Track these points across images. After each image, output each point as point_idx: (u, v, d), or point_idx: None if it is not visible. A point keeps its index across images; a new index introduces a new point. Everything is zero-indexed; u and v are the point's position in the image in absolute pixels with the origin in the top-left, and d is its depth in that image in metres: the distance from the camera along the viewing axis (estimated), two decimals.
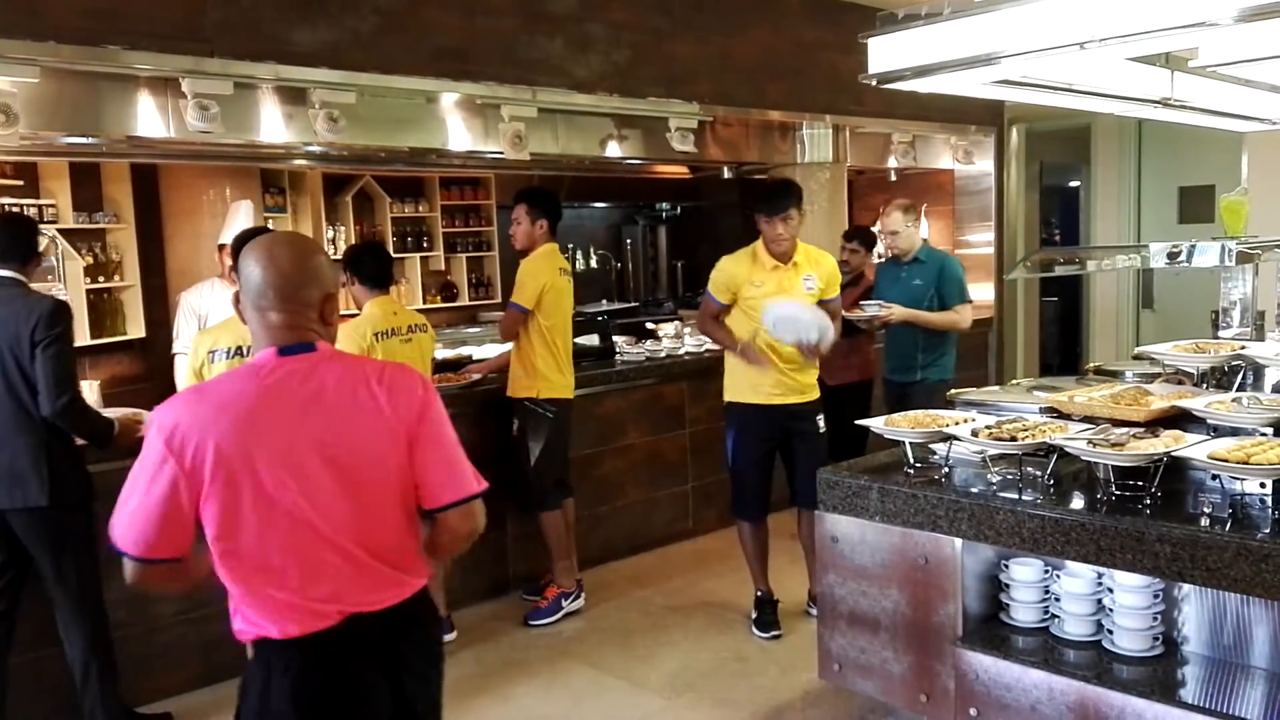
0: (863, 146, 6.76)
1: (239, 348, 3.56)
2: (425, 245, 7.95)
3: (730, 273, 4.34)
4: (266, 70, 4.13)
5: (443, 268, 8.12)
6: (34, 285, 3.65)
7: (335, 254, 7.46)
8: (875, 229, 5.63)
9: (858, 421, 3.60)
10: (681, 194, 9.23)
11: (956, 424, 3.17)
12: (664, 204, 9.65)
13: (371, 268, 4.30)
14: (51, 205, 5.72)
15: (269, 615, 1.92)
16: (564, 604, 4.72)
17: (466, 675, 4.17)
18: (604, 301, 9.07)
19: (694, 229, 9.42)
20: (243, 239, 3.78)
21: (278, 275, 1.95)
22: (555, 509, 4.71)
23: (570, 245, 8.72)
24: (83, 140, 4.48)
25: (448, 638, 4.48)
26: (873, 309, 5.00)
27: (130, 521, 1.85)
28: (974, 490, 3.00)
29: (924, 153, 7.13)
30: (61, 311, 3.38)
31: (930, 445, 3.26)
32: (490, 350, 5.81)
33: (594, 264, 9.23)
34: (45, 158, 5.46)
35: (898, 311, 4.97)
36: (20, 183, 5.61)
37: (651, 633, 4.52)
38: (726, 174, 6.82)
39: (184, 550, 1.89)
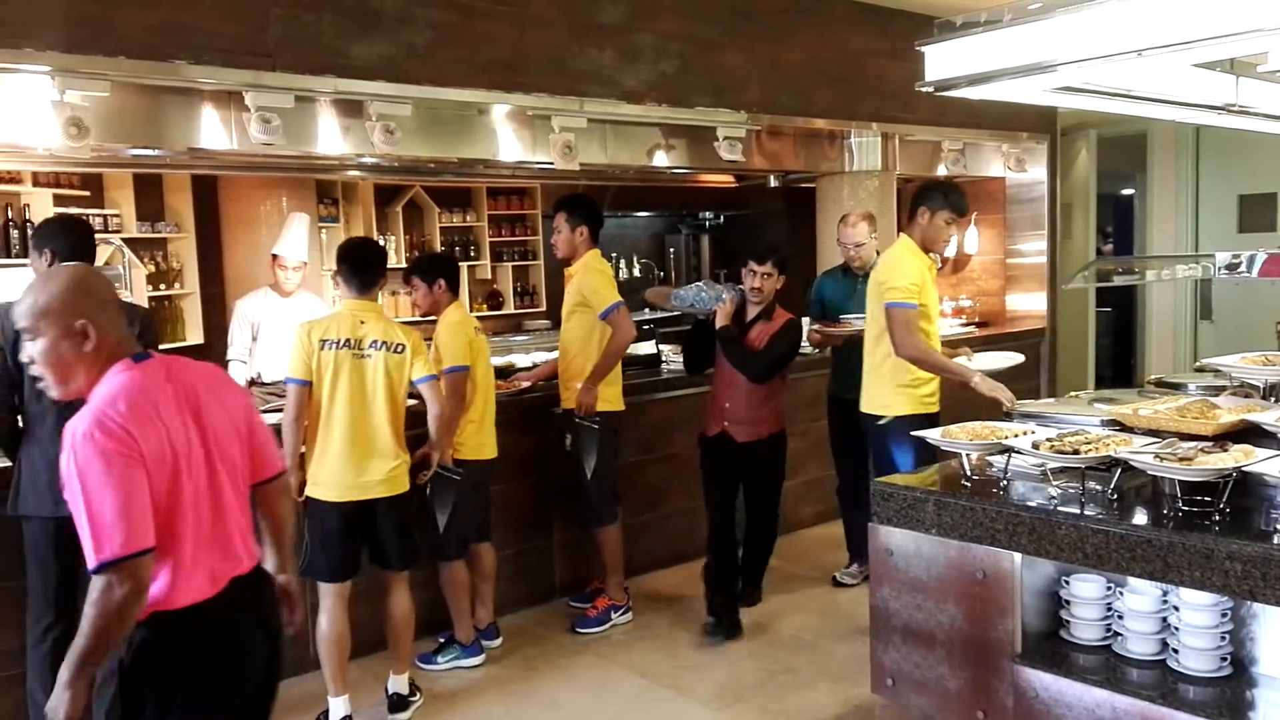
0: (912, 154, 6.71)
1: (348, 340, 3.68)
2: (472, 254, 8.03)
3: (922, 273, 4.06)
4: (326, 83, 4.21)
5: (489, 276, 8.19)
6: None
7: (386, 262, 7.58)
8: (842, 240, 5.07)
9: (917, 433, 3.56)
10: (725, 202, 9.23)
11: (1016, 436, 3.13)
12: (707, 213, 9.66)
13: (457, 277, 4.45)
14: (116, 215, 5.87)
15: (184, 585, 2.15)
16: (613, 616, 4.72)
17: (514, 679, 4.20)
18: (646, 310, 9.10)
19: (738, 238, 9.42)
20: (349, 248, 3.92)
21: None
22: (613, 522, 4.72)
23: (614, 254, 8.76)
24: (148, 152, 4.58)
25: (493, 643, 4.52)
26: (859, 323, 4.58)
27: (128, 519, 1.99)
28: (1034, 504, 2.96)
29: (974, 160, 7.06)
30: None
31: (987, 458, 3.22)
32: (539, 357, 5.84)
33: (637, 272, 9.26)
34: (111, 169, 5.59)
35: None
36: (87, 193, 5.77)
37: (698, 642, 4.51)
38: (773, 182, 6.80)
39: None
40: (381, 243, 7.51)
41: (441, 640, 4.38)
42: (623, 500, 4.90)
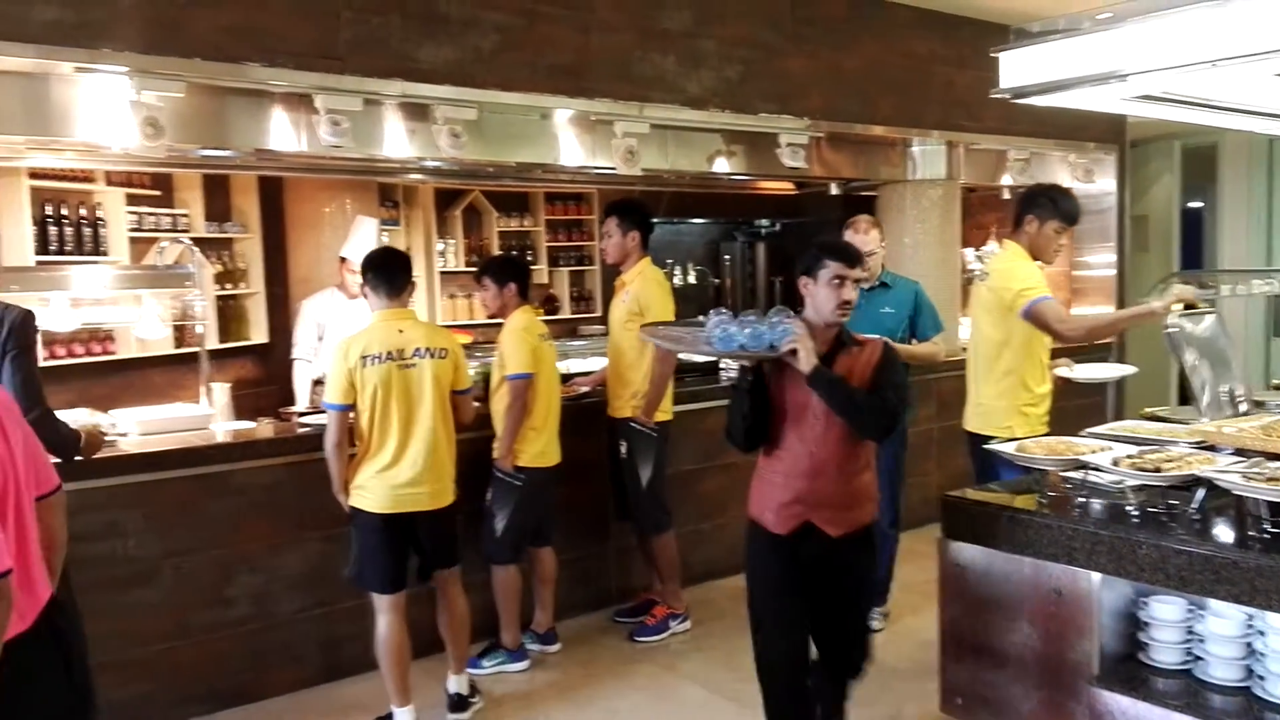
0: (976, 163, 6.61)
1: (389, 353, 3.63)
2: (529, 259, 8.06)
3: (1039, 273, 3.87)
4: (394, 87, 4.24)
5: (545, 281, 8.21)
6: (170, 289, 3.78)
7: (445, 265, 7.65)
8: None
9: (987, 446, 3.48)
10: (782, 210, 9.17)
11: (1094, 452, 3.05)
12: (763, 220, 9.61)
13: (527, 281, 4.44)
14: (185, 215, 5.97)
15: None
16: (672, 625, 4.69)
17: (573, 685, 4.19)
18: (700, 318, 9.05)
19: (794, 245, 9.34)
20: (374, 257, 3.89)
21: None
22: (668, 530, 4.69)
23: (669, 261, 8.74)
24: (217, 153, 4.64)
25: (552, 648, 4.51)
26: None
27: None
28: (1113, 523, 2.88)
29: (1040, 170, 6.94)
30: (30, 322, 3.24)
31: (1062, 474, 3.14)
32: (597, 364, 5.83)
33: (692, 279, 9.23)
34: (181, 169, 5.68)
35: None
36: (158, 193, 5.88)
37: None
38: (834, 190, 6.74)
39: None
40: (441, 247, 7.63)
41: (488, 644, 4.38)
42: (672, 510, 4.86)
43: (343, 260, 5.29)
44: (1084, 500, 3.05)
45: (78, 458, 3.48)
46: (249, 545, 4.05)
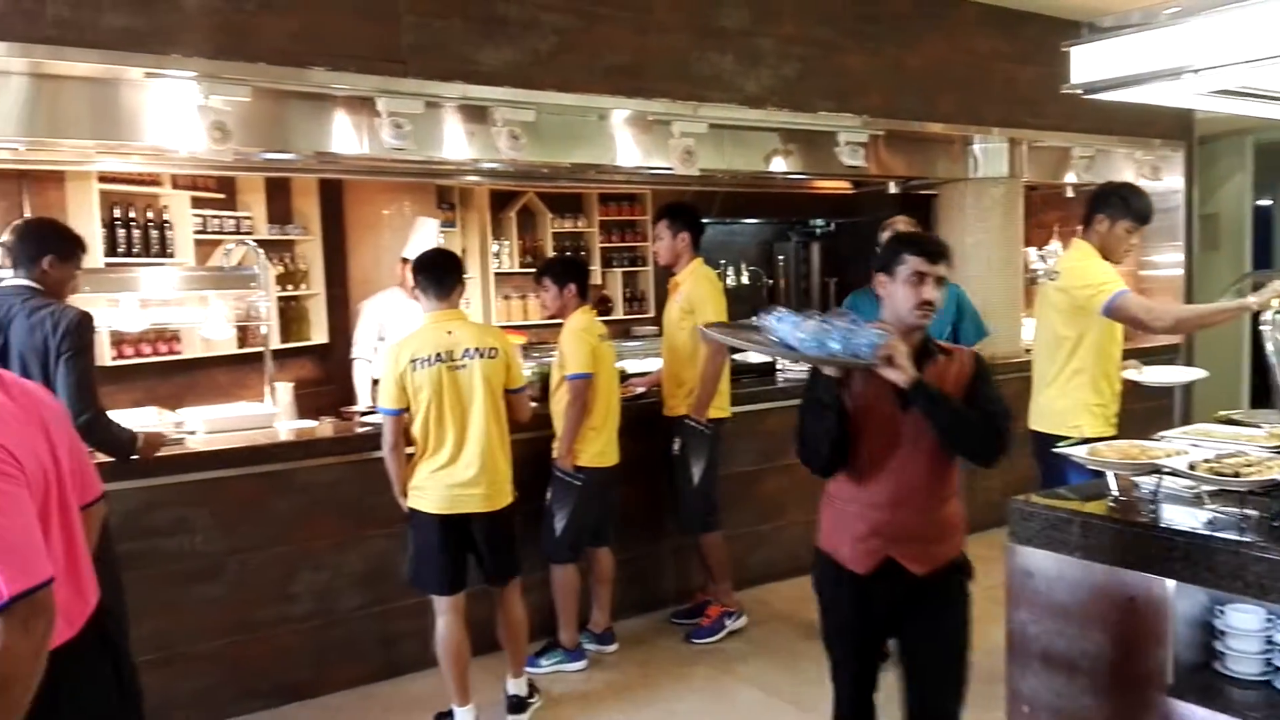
0: (1039, 161, 6.49)
1: (438, 354, 3.64)
2: (583, 260, 8.07)
3: (1111, 270, 3.81)
4: (455, 89, 4.27)
5: (599, 282, 8.23)
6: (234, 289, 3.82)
7: (500, 267, 7.69)
8: None
9: (1058, 449, 3.40)
10: (837, 209, 9.09)
11: (1169, 456, 2.96)
12: (818, 220, 9.54)
13: (585, 279, 4.46)
14: (248, 217, 6.08)
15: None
16: (727, 623, 4.68)
17: (631, 686, 4.18)
18: (754, 318, 9.01)
19: (849, 246, 9.26)
20: (423, 259, 3.91)
21: None
22: (718, 529, 4.67)
23: (721, 261, 8.71)
24: (280, 156, 4.70)
25: (609, 648, 4.51)
26: None
27: (29, 544, 1.73)
28: (1188, 528, 2.80)
29: (1104, 167, 6.79)
30: (87, 324, 3.29)
31: (1134, 478, 3.06)
32: (653, 364, 5.82)
33: (745, 280, 9.19)
34: (244, 173, 5.78)
35: None
36: (222, 196, 5.99)
37: (819, 658, 4.35)
38: (893, 189, 6.65)
39: None
40: (495, 248, 7.68)
41: (546, 643, 4.38)
42: (722, 510, 4.82)
43: (404, 261, 5.34)
44: (1158, 505, 2.97)
45: (134, 458, 3.52)
46: (312, 542, 4.10)
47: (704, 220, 4.77)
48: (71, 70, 3.67)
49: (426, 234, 5.40)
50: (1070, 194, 7.29)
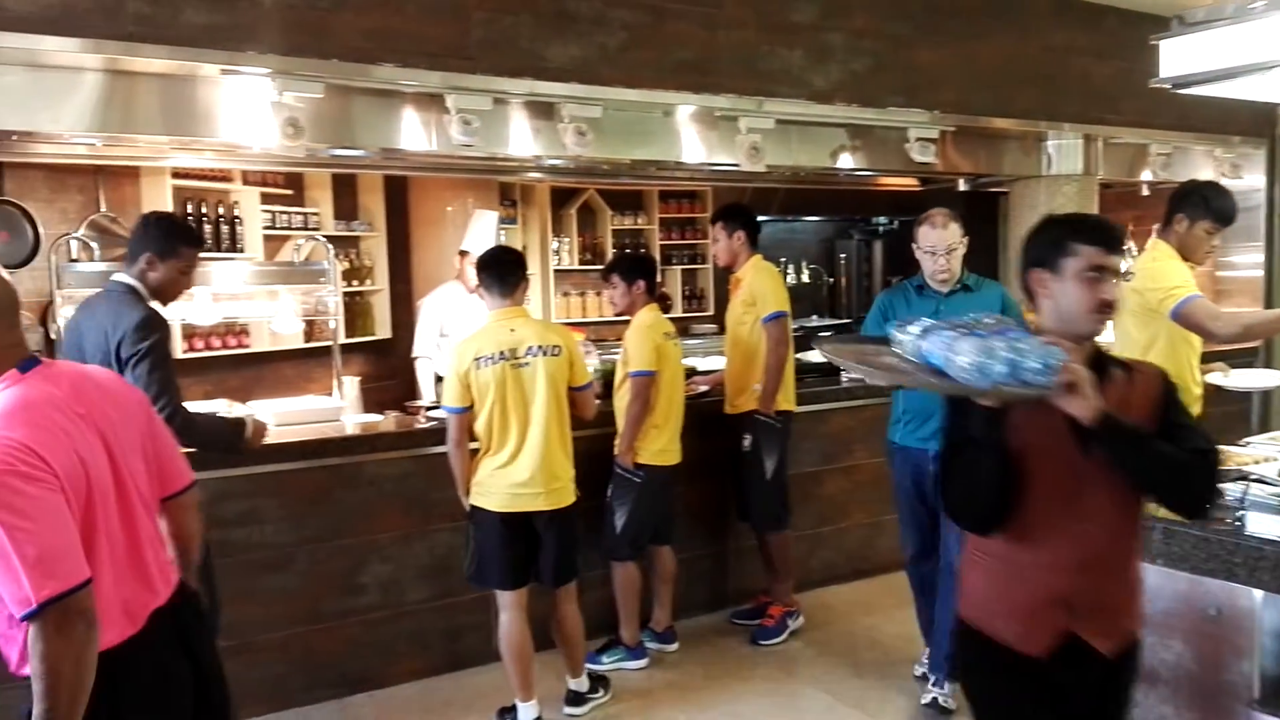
0: (1113, 158, 6.30)
1: (501, 353, 3.63)
2: (651, 257, 8.05)
3: (1188, 274, 3.72)
4: (522, 85, 4.27)
5: (658, 279, 8.19)
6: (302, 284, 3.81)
7: (559, 264, 7.71)
8: (927, 246, 3.84)
9: None
10: (901, 207, 8.94)
11: (1257, 463, 2.86)
12: (881, 218, 9.41)
13: (653, 277, 4.46)
14: (316, 213, 6.16)
15: (103, 624, 1.82)
16: (789, 623, 4.64)
17: (694, 687, 4.16)
18: (814, 317, 8.94)
19: (912, 244, 9.11)
20: (487, 256, 3.91)
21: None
22: (786, 528, 4.63)
23: (781, 259, 8.64)
24: (348, 152, 4.75)
25: (670, 647, 4.49)
26: None
27: (61, 549, 1.73)
28: (1277, 537, 2.69)
29: (1182, 165, 6.58)
30: (149, 323, 3.14)
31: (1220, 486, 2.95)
32: (717, 363, 5.78)
33: (805, 278, 9.10)
34: (312, 169, 5.86)
35: None
36: (290, 192, 6.07)
37: (883, 663, 4.34)
38: (962, 186, 6.52)
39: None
40: (555, 245, 7.70)
41: (607, 640, 4.38)
42: (791, 510, 4.78)
43: (463, 254, 5.37)
44: (1245, 513, 2.86)
45: (241, 448, 3.51)
46: (378, 535, 4.14)
47: (762, 218, 4.73)
48: (148, 67, 3.71)
49: (485, 227, 5.42)
50: (1145, 192, 7.10)
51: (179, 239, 3.31)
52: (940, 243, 3.80)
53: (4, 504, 1.69)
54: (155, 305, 3.28)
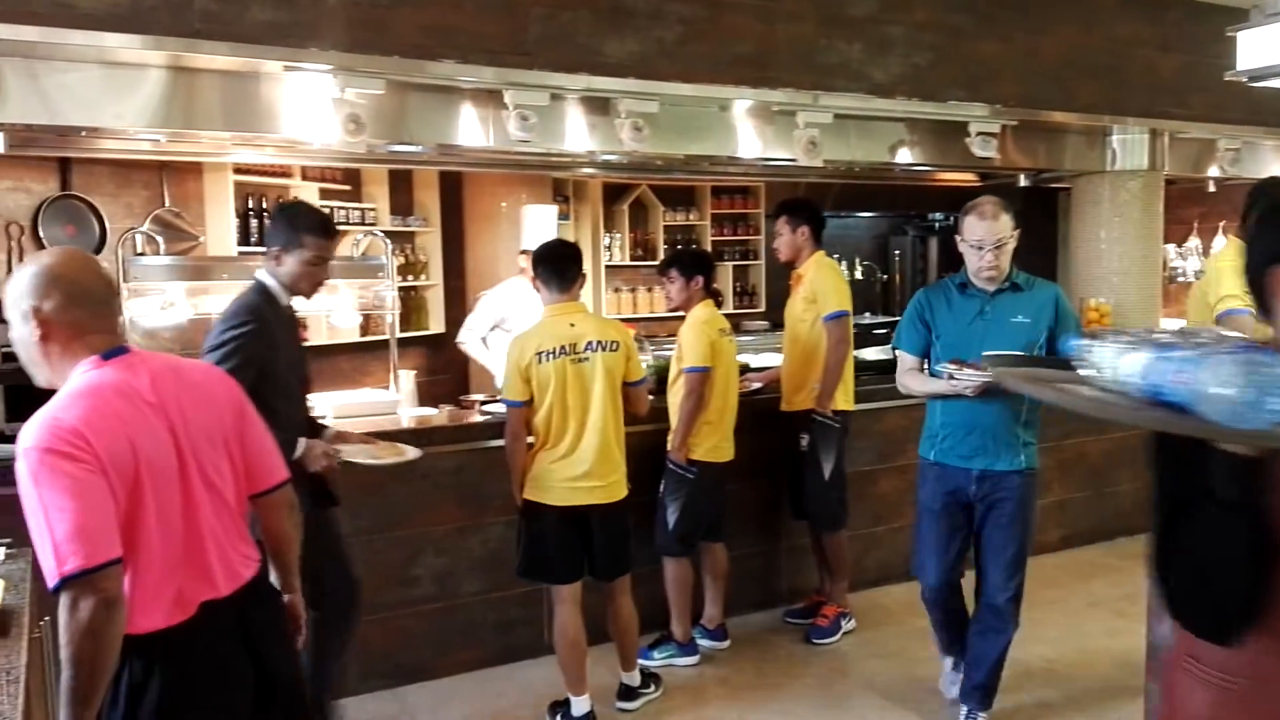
0: (1180, 153, 6.16)
1: (562, 347, 3.63)
2: (709, 253, 8.01)
3: None
4: (579, 81, 4.27)
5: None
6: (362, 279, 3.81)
7: (611, 260, 7.71)
8: (973, 240, 3.45)
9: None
10: (956, 203, 8.75)
11: None
12: (936, 214, 9.29)
13: (711, 273, 4.43)
14: (372, 209, 6.22)
15: (147, 608, 1.90)
16: (843, 624, 4.60)
17: (745, 685, 4.13)
18: (867, 314, 8.84)
19: (955, 238, 8.98)
20: (544, 250, 3.90)
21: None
22: (844, 527, 4.59)
23: (835, 255, 8.52)
24: (405, 148, 4.78)
25: (722, 645, 4.47)
26: (966, 374, 3.36)
27: (89, 529, 1.77)
28: None
29: (1251, 160, 6.40)
30: (233, 315, 3.04)
31: None
32: (769, 359, 5.75)
33: (859, 274, 9.02)
34: (370, 164, 5.92)
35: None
36: (348, 188, 6.14)
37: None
38: (1023, 181, 6.41)
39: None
40: (607, 241, 7.70)
41: (658, 635, 4.36)
42: (849, 510, 4.73)
43: (525, 253, 5.38)
44: None
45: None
46: (433, 528, 4.17)
47: (823, 214, 4.67)
48: (212, 64, 3.77)
49: (543, 222, 5.42)
50: (1212, 188, 6.92)
51: (302, 228, 3.16)
52: (989, 235, 3.40)
53: (44, 480, 1.77)
54: (292, 299, 3.21)
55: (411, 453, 3.53)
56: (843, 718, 3.87)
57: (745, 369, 5.06)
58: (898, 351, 3.74)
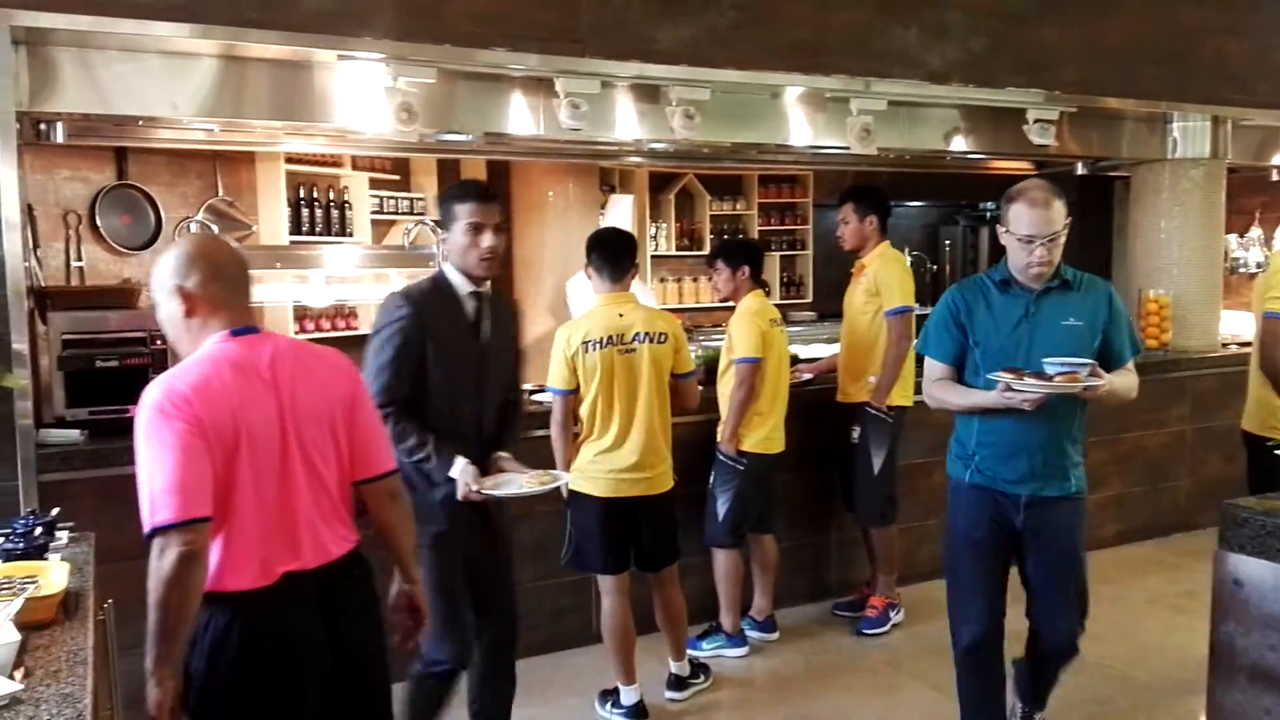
0: (1243, 141, 6.01)
1: (609, 337, 3.61)
2: (756, 242, 7.95)
3: None
4: (630, 69, 4.24)
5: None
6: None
7: (655, 250, 7.68)
8: (1022, 231, 2.95)
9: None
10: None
11: None
12: (988, 203, 9.14)
13: (761, 265, 4.37)
14: (421, 198, 6.25)
15: (232, 569, 2.03)
16: (892, 615, 4.56)
17: (798, 677, 4.11)
18: (916, 305, 8.73)
19: (998, 229, 8.81)
20: (599, 236, 3.87)
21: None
22: (892, 524, 4.54)
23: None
24: (455, 137, 4.78)
25: (771, 636, 4.44)
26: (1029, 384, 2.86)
27: (183, 485, 1.91)
28: None
29: None
30: (383, 308, 2.89)
31: None
32: (817, 350, 5.70)
33: (908, 264, 8.89)
34: (419, 154, 5.93)
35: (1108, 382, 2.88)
36: (397, 177, 6.16)
37: None
38: (1080, 170, 6.27)
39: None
40: (652, 231, 7.66)
41: (708, 626, 4.34)
42: (897, 505, 4.67)
43: None
44: None
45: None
46: None
47: (890, 203, 4.58)
48: (264, 53, 3.79)
49: (622, 211, 5.37)
50: (1276, 177, 6.74)
51: (452, 199, 2.94)
52: (1041, 227, 2.88)
53: (151, 436, 1.95)
54: (478, 287, 2.94)
55: (563, 478, 3.12)
56: (894, 711, 3.83)
57: (795, 360, 5.01)
58: (926, 359, 3.21)
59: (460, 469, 2.82)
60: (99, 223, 5.55)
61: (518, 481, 2.91)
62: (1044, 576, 3.11)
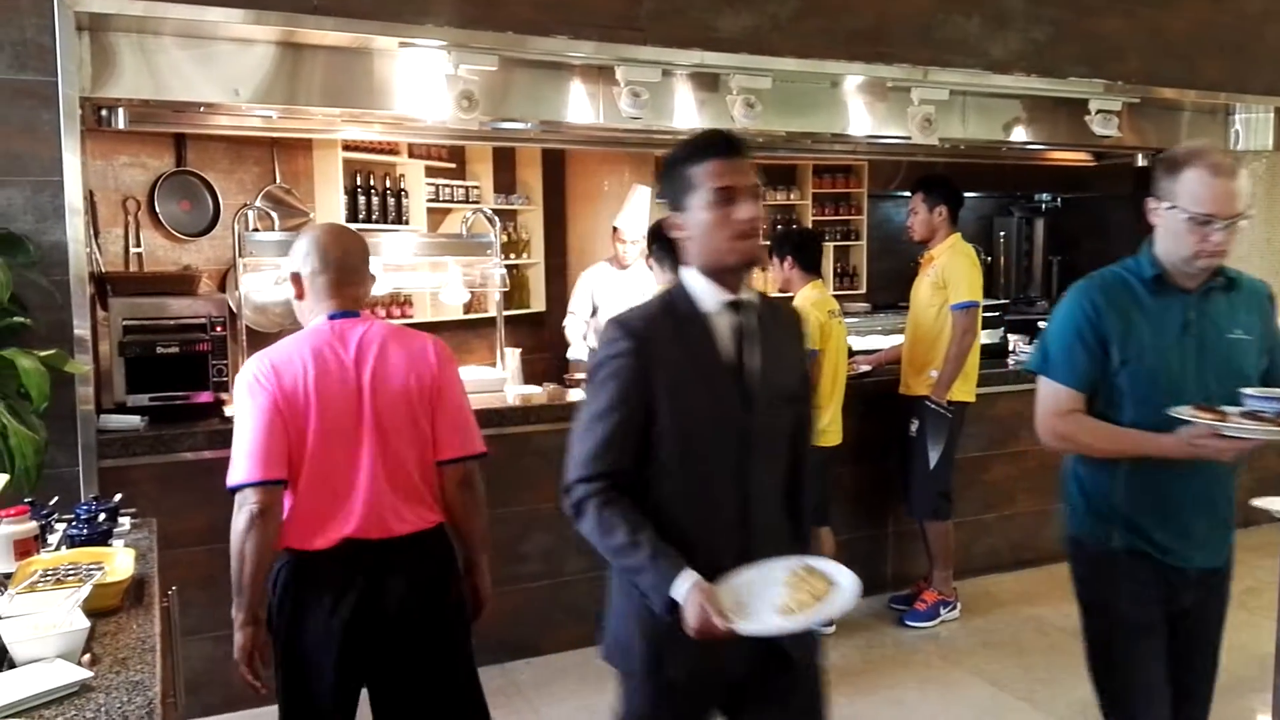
0: None
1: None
2: (812, 232, 7.87)
3: None
4: (691, 57, 4.22)
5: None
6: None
7: None
8: (1199, 209, 2.17)
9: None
10: (1065, 183, 8.51)
11: None
12: (1044, 194, 8.98)
13: (812, 254, 4.37)
14: (476, 186, 6.27)
15: (291, 528, 2.25)
16: (942, 612, 4.52)
17: (853, 669, 4.09)
18: (983, 300, 8.61)
19: (1077, 222, 8.66)
20: (654, 231, 3.85)
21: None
22: (948, 518, 4.49)
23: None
24: (512, 125, 4.76)
25: (827, 630, 4.40)
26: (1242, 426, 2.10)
27: (260, 449, 2.16)
28: None
29: None
30: (604, 329, 1.98)
31: None
32: (873, 342, 5.65)
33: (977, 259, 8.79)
34: (476, 142, 5.94)
35: None
36: (453, 165, 6.19)
37: (1050, 655, 4.17)
38: (1140, 161, 6.15)
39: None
40: None
41: None
42: (955, 497, 4.62)
43: (615, 230, 5.35)
44: None
45: None
46: (540, 505, 4.19)
47: (961, 194, 4.53)
48: (324, 39, 3.80)
49: (640, 203, 5.39)
50: None
51: (680, 161, 1.92)
52: (1228, 203, 2.14)
53: (241, 402, 2.21)
54: (736, 295, 1.96)
55: (838, 600, 1.91)
56: (952, 707, 3.80)
57: (853, 352, 4.97)
58: (1045, 383, 2.36)
59: (687, 589, 1.80)
60: (158, 209, 5.62)
61: (776, 593, 1.85)
62: (1187, 658, 2.42)
